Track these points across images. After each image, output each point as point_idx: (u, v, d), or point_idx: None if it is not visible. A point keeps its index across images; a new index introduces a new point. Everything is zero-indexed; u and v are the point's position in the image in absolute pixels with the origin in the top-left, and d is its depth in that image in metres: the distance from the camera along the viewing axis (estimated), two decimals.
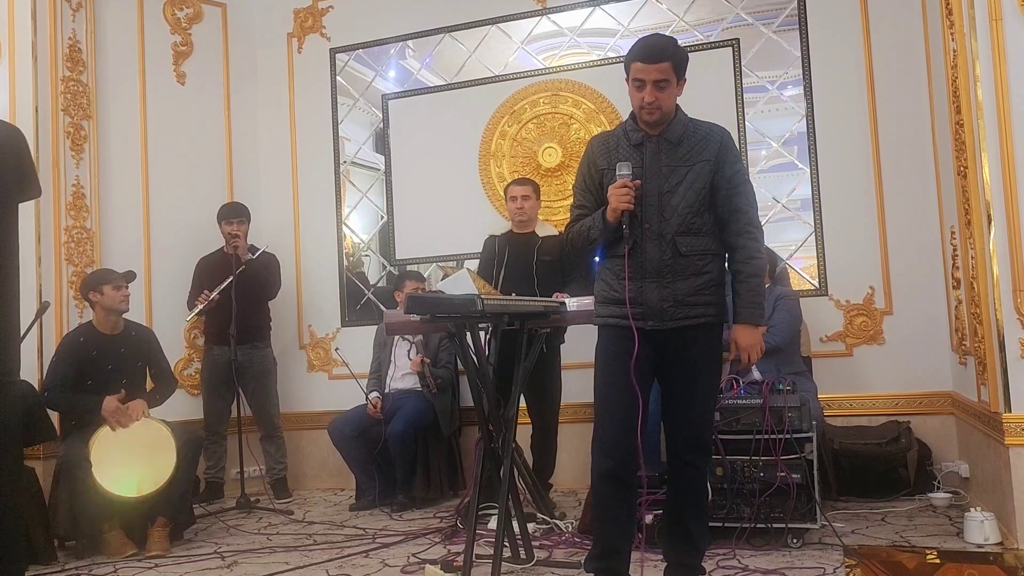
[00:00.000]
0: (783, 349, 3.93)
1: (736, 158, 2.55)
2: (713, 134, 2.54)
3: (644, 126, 2.53)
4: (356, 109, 5.60)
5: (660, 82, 2.43)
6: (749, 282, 2.50)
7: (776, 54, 4.73)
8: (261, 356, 4.98)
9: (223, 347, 4.77)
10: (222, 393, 4.90)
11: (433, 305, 2.98)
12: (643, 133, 2.53)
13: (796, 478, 3.25)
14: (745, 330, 2.50)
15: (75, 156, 4.67)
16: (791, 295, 4.10)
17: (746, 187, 2.55)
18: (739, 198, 2.52)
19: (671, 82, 2.46)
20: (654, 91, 2.44)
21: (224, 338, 4.73)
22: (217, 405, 4.91)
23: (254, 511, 4.57)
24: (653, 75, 2.43)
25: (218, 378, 4.86)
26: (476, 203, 5.20)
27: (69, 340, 4.01)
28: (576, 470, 4.55)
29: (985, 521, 3.17)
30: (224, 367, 4.77)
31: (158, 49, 5.18)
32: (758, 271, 2.52)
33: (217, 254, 4.98)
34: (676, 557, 2.62)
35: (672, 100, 2.49)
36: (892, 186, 4.44)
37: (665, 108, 2.47)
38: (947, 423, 4.26)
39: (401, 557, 3.44)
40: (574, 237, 2.60)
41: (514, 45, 5.25)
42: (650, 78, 2.43)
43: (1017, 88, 3.05)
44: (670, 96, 2.47)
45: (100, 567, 3.54)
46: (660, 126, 2.52)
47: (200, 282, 4.90)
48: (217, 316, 4.80)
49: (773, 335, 3.90)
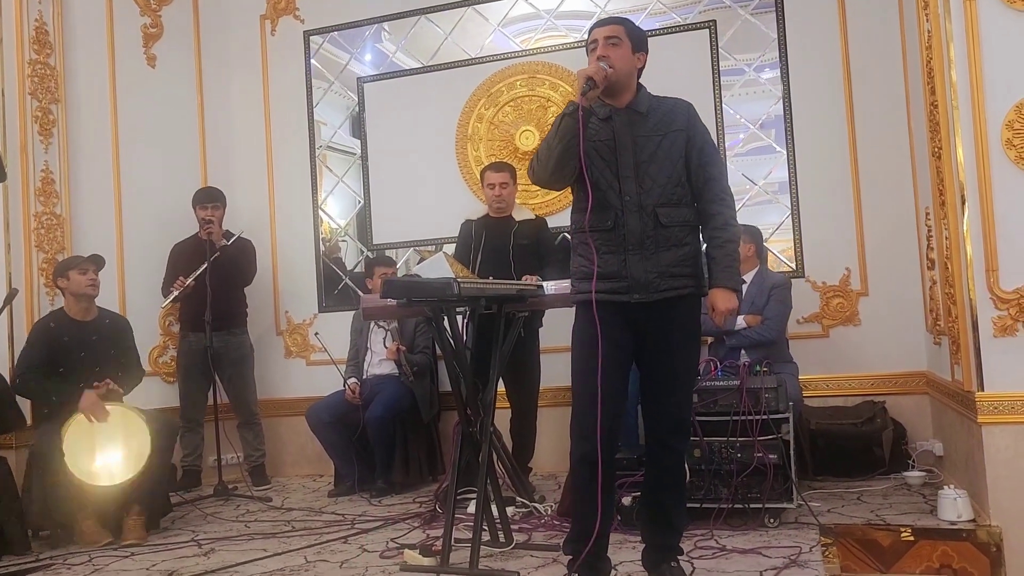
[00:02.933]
0: (774, 343, 3.95)
1: (704, 128, 2.59)
2: (679, 106, 2.58)
3: (608, 98, 2.54)
4: (331, 92, 5.53)
5: (611, 39, 2.51)
6: (726, 247, 2.51)
7: (753, 36, 4.72)
8: (238, 343, 4.93)
9: (199, 334, 4.71)
10: (198, 380, 4.84)
11: (409, 289, 2.95)
12: (611, 107, 2.54)
13: (773, 458, 3.27)
14: (722, 293, 2.50)
15: (44, 141, 4.58)
16: (785, 284, 4.08)
17: (716, 156, 2.60)
18: (711, 167, 2.55)
19: (623, 40, 2.52)
20: (606, 46, 2.50)
21: (199, 325, 4.66)
22: (194, 392, 4.85)
23: (232, 498, 4.53)
24: (604, 33, 2.52)
25: (194, 365, 4.80)
26: (453, 187, 5.16)
27: (40, 326, 3.96)
28: (555, 453, 4.55)
29: (958, 499, 3.20)
30: (200, 354, 4.71)
31: (127, 31, 5.09)
32: (734, 237, 2.54)
33: (191, 240, 4.91)
34: (654, 538, 2.64)
35: (626, 61, 2.51)
36: (868, 168, 4.46)
37: (619, 66, 2.49)
38: (922, 402, 4.31)
39: (380, 542, 3.44)
40: (540, 148, 2.51)
41: (491, 27, 5.20)
42: (601, 35, 2.52)
43: (991, 69, 3.07)
44: (623, 55, 2.51)
45: (75, 556, 3.50)
46: (621, 95, 2.54)
47: (175, 268, 4.83)
48: (192, 302, 4.73)
49: (768, 329, 3.92)
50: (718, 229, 2.52)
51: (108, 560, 3.42)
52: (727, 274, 2.50)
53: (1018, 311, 3.01)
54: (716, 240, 2.52)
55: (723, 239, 2.51)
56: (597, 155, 2.51)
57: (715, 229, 2.52)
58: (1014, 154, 3.02)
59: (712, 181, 2.53)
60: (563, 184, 2.56)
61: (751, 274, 4.07)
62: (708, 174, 2.53)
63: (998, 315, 3.03)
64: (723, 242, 2.51)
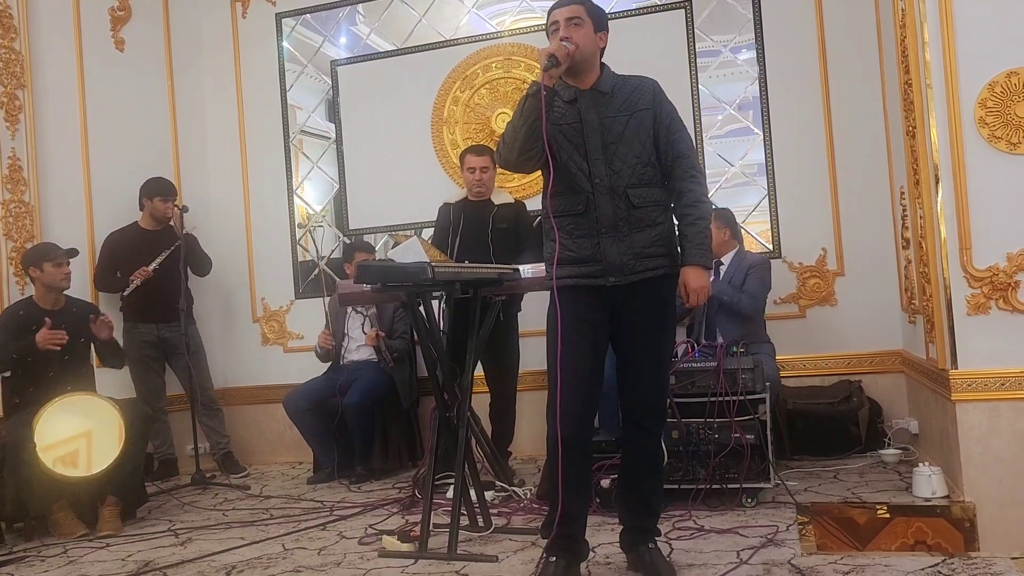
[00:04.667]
0: (752, 317, 3.96)
1: (671, 105, 2.56)
2: (645, 84, 2.55)
3: (572, 80, 2.51)
4: (305, 76, 5.46)
5: (572, 19, 2.47)
6: (698, 224, 2.49)
7: (729, 17, 4.71)
8: (193, 331, 4.87)
9: (149, 324, 4.69)
10: (155, 369, 4.79)
11: (384, 274, 2.93)
12: (575, 88, 2.51)
13: (750, 439, 3.29)
14: (695, 271, 2.48)
15: (10, 127, 4.48)
16: (764, 263, 4.08)
17: (684, 133, 2.56)
18: (680, 144, 2.52)
19: (584, 20, 2.48)
20: (568, 27, 2.47)
21: (151, 315, 4.65)
22: (152, 381, 4.77)
23: (210, 487, 4.50)
24: (564, 14, 2.49)
25: (147, 355, 4.74)
26: (429, 170, 5.12)
27: (8, 313, 3.92)
28: (535, 437, 4.54)
29: (933, 475, 3.24)
30: (152, 344, 4.70)
31: (94, 14, 4.97)
32: (705, 214, 2.52)
33: (132, 228, 4.81)
34: (632, 520, 2.64)
35: (588, 40, 2.48)
36: (843, 149, 4.48)
37: (582, 45, 2.45)
38: (897, 381, 4.34)
39: (359, 529, 3.42)
40: (506, 131, 2.49)
41: (465, 8, 5.15)
42: (562, 17, 2.49)
43: (964, 49, 3.06)
44: (586, 35, 2.47)
45: (50, 548, 3.46)
46: (585, 76, 2.51)
47: (114, 258, 4.72)
48: (142, 293, 4.65)
49: (744, 300, 3.91)
50: (689, 207, 2.50)
51: (83, 552, 3.39)
52: (699, 252, 2.48)
53: (991, 289, 3.03)
54: (687, 218, 2.50)
55: (694, 216, 2.50)
56: (564, 138, 2.48)
57: (686, 207, 2.51)
58: (987, 132, 3.03)
59: (681, 158, 2.51)
60: (532, 166, 2.52)
61: (730, 255, 4.08)
62: (677, 151, 2.51)
63: (972, 293, 3.05)
64: (694, 219, 2.50)
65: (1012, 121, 3.00)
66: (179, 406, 4.77)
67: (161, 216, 4.78)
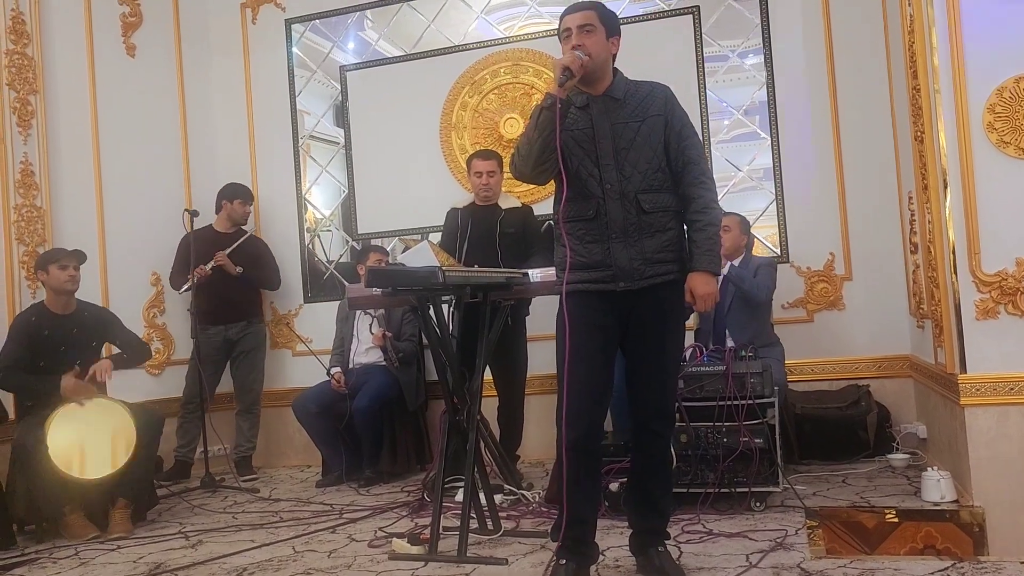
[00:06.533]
0: (762, 310, 4.00)
1: (683, 111, 2.57)
2: (657, 90, 2.56)
3: (584, 87, 2.52)
4: (314, 81, 5.49)
5: (584, 26, 2.47)
6: (707, 230, 2.50)
7: (737, 22, 4.72)
8: (255, 331, 5.03)
9: (217, 326, 4.86)
10: (217, 371, 4.94)
11: (394, 278, 2.95)
12: (587, 95, 2.52)
13: (759, 443, 3.29)
14: (702, 277, 2.49)
15: (23, 132, 4.51)
16: (771, 263, 4.20)
17: (695, 139, 2.57)
18: (691, 150, 2.53)
19: (596, 27, 2.49)
20: (580, 35, 2.47)
21: (216, 316, 4.82)
22: (211, 377, 4.87)
23: (219, 490, 4.51)
24: (577, 21, 2.49)
25: (213, 358, 4.87)
26: (438, 175, 5.14)
27: (21, 320, 3.92)
28: (543, 441, 4.56)
29: (941, 480, 3.24)
30: (217, 346, 4.86)
31: (106, 20, 5.01)
32: (714, 220, 2.52)
33: (207, 230, 4.99)
34: (641, 523, 2.64)
35: (600, 47, 2.48)
36: (851, 153, 4.48)
37: (595, 54, 2.46)
38: (905, 386, 4.34)
39: (368, 532, 3.43)
40: (520, 141, 2.50)
41: (474, 14, 5.18)
42: (574, 24, 2.48)
43: (972, 54, 3.07)
44: (597, 42, 2.48)
45: (61, 550, 3.47)
46: (597, 82, 2.52)
47: (187, 258, 4.81)
48: (209, 294, 4.78)
49: (757, 286, 3.96)
50: (699, 212, 2.51)
51: (95, 553, 3.41)
52: (707, 258, 2.49)
53: (1000, 294, 3.03)
54: (697, 223, 2.51)
55: (704, 222, 2.50)
56: (576, 144, 2.49)
57: (696, 212, 2.51)
58: (996, 137, 3.04)
59: (692, 164, 2.52)
60: (546, 178, 2.53)
61: (738, 260, 4.10)
62: (687, 157, 2.52)
63: (980, 298, 3.05)
64: (704, 225, 2.50)
65: (1021, 126, 3.01)
66: (225, 405, 4.94)
67: (239, 218, 5.01)
